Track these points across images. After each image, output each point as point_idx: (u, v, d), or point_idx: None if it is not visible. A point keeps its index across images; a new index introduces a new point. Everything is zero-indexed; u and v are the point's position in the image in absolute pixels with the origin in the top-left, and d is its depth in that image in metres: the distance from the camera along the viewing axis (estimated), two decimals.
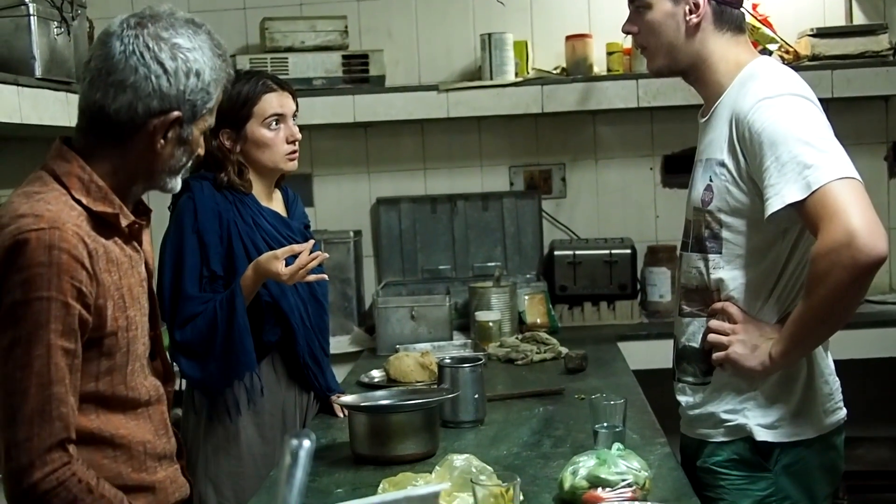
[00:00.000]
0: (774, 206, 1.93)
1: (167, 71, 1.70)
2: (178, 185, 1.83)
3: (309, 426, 2.73)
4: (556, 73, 4.19)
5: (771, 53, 3.92)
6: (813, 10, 4.22)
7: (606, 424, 2.15)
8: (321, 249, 2.92)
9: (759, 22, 3.99)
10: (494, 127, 4.34)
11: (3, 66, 2.97)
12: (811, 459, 2.09)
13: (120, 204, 1.76)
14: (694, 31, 2.13)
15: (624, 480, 1.87)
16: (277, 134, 2.71)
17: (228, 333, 2.57)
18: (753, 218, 2.03)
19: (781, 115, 1.97)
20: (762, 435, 2.07)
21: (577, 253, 4.13)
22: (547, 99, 4.04)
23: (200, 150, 1.82)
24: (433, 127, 4.31)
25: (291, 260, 2.58)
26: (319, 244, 3.45)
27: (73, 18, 3.23)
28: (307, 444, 1.23)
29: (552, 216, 4.39)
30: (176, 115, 1.72)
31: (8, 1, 3.00)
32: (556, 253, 4.15)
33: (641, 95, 4.00)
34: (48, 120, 3.06)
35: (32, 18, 3.02)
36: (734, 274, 2.08)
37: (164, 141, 1.74)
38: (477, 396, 2.57)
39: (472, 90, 4.07)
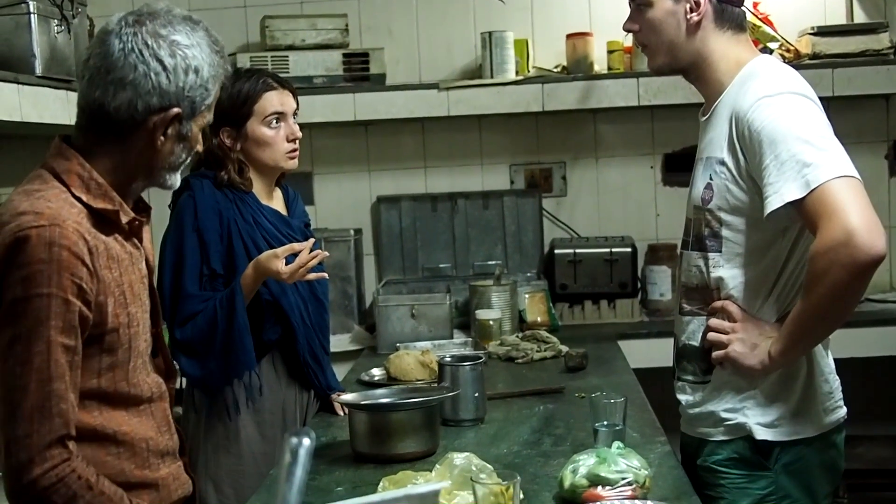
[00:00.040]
0: (773, 204, 1.93)
1: (166, 68, 1.70)
2: (177, 181, 1.83)
3: (309, 424, 2.73)
4: (556, 71, 4.19)
5: (772, 52, 3.92)
6: (814, 8, 4.22)
7: (606, 423, 2.15)
8: (321, 248, 2.93)
9: (759, 20, 3.98)
10: (495, 125, 4.34)
11: (3, 64, 2.97)
12: (811, 458, 2.09)
13: (120, 201, 1.76)
14: (695, 29, 2.14)
15: (624, 479, 1.87)
16: (278, 132, 2.71)
17: (228, 332, 2.57)
18: (753, 216, 2.03)
19: (781, 113, 1.97)
20: (762, 434, 2.07)
21: (577, 251, 4.13)
22: (547, 97, 4.04)
23: (199, 146, 1.83)
24: (434, 125, 4.31)
25: (291, 258, 2.58)
26: (320, 242, 3.46)
27: (73, 16, 3.23)
28: (307, 442, 1.23)
29: (553, 214, 4.38)
30: (175, 111, 1.72)
31: None
32: (556, 251, 4.15)
33: (642, 94, 3.99)
34: (48, 118, 3.06)
35: (33, 16, 3.02)
36: (734, 272, 2.08)
37: (163, 138, 1.74)
38: (477, 395, 2.57)
39: (472, 88, 4.07)
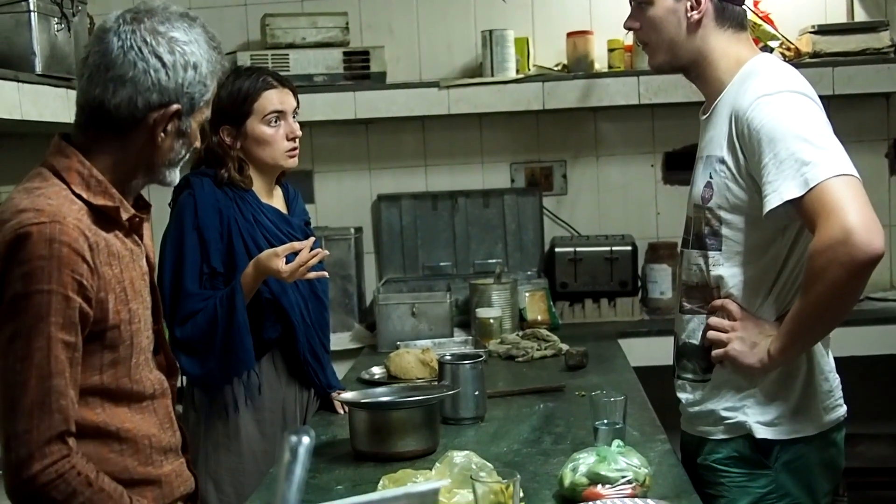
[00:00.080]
0: (772, 202, 1.93)
1: (165, 64, 1.71)
2: (176, 177, 1.84)
3: (309, 423, 2.73)
4: (557, 69, 4.19)
5: (772, 50, 3.92)
6: (814, 7, 4.22)
7: (607, 421, 2.15)
8: (322, 246, 2.93)
9: (760, 19, 3.98)
10: (495, 123, 4.34)
11: (3, 62, 2.97)
12: (811, 456, 2.09)
13: (120, 198, 1.77)
14: (695, 27, 2.13)
15: (624, 477, 1.87)
16: (277, 131, 2.71)
17: (228, 331, 2.57)
18: (753, 215, 2.03)
19: (780, 112, 1.97)
20: (762, 432, 2.07)
21: (577, 250, 4.13)
22: (548, 96, 4.03)
23: (197, 142, 1.83)
24: (434, 123, 4.31)
25: (292, 257, 2.58)
26: (320, 241, 3.46)
27: (73, 14, 3.23)
28: (306, 440, 1.23)
29: (553, 213, 4.38)
30: (175, 107, 1.73)
31: None
32: (556, 250, 4.15)
33: (643, 92, 3.99)
34: (48, 116, 3.06)
35: (33, 14, 3.03)
36: (734, 271, 2.08)
37: (163, 134, 1.75)
38: (477, 393, 2.57)
39: (473, 87, 4.06)
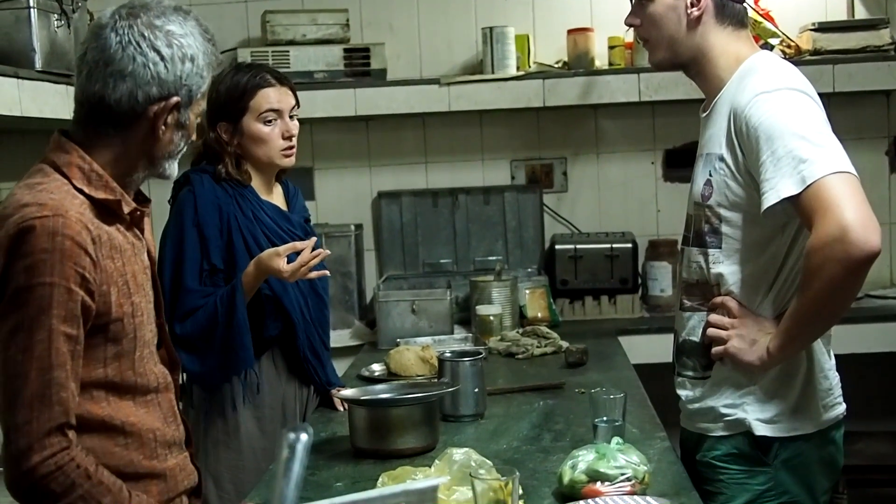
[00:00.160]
0: (770, 200, 1.93)
1: (164, 58, 1.73)
2: (175, 170, 1.86)
3: (309, 420, 2.73)
4: (557, 66, 4.19)
5: (772, 48, 3.92)
6: (815, 4, 4.22)
7: (606, 419, 2.15)
8: (322, 243, 2.92)
9: (760, 16, 3.98)
10: (496, 121, 4.34)
11: (3, 58, 2.97)
12: (810, 454, 2.09)
13: (121, 191, 1.78)
14: (695, 24, 2.13)
15: (623, 474, 1.88)
16: (273, 129, 2.70)
17: (228, 329, 2.57)
18: (752, 212, 2.03)
19: (778, 109, 1.97)
20: (761, 429, 2.07)
21: (578, 247, 4.12)
22: (548, 93, 4.03)
23: (194, 135, 1.85)
24: (434, 120, 4.31)
25: (293, 257, 2.57)
26: (321, 238, 3.46)
27: (73, 11, 3.23)
28: (304, 437, 1.23)
29: (553, 210, 4.38)
30: (175, 100, 1.75)
31: None
32: (557, 247, 4.15)
33: (643, 89, 3.99)
34: (48, 113, 3.05)
35: (33, 11, 3.02)
36: (733, 269, 2.08)
37: (164, 126, 1.77)
38: (477, 390, 2.57)
39: (473, 84, 4.06)
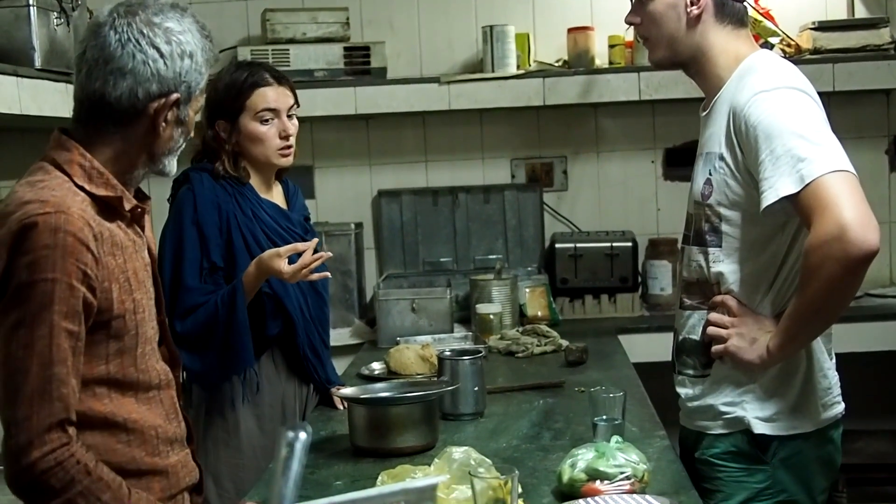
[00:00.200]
0: (769, 199, 1.93)
1: (163, 55, 1.74)
2: (175, 166, 1.87)
3: (308, 418, 2.73)
4: (557, 65, 4.18)
5: (772, 47, 3.92)
6: (814, 3, 4.21)
7: (606, 417, 2.15)
8: (322, 241, 2.92)
9: (760, 15, 3.98)
10: (496, 119, 4.33)
11: (2, 56, 2.97)
12: (808, 453, 2.09)
13: (122, 188, 1.79)
14: (695, 22, 2.13)
15: (622, 473, 1.88)
16: (270, 129, 2.69)
17: (228, 329, 2.57)
18: (751, 211, 2.03)
19: (777, 108, 1.97)
20: (760, 428, 2.07)
21: (578, 246, 4.12)
22: (549, 91, 4.03)
23: (192, 132, 1.86)
24: (435, 119, 4.30)
25: (294, 257, 2.57)
26: (321, 237, 3.46)
27: (72, 9, 3.22)
28: (303, 436, 1.23)
29: (553, 209, 4.38)
30: (175, 96, 1.76)
31: None
32: (557, 246, 4.15)
33: (643, 88, 3.99)
34: (48, 111, 3.05)
35: (32, 9, 3.02)
36: (733, 267, 2.08)
37: (164, 123, 1.78)
38: (477, 389, 2.57)
39: (473, 82, 4.06)
